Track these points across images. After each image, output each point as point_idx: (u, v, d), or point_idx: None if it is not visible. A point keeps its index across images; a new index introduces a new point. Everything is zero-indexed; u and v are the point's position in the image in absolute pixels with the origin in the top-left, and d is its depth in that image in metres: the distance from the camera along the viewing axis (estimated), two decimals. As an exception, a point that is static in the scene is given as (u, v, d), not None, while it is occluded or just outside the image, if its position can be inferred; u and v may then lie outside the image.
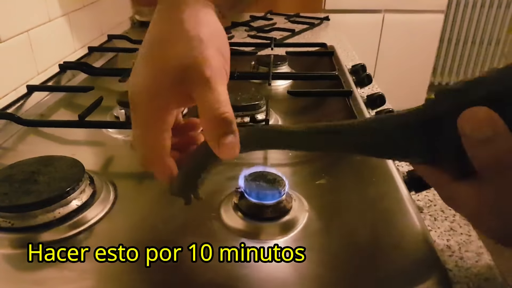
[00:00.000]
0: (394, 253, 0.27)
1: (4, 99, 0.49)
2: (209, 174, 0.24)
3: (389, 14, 1.61)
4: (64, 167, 0.32)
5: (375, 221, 0.30)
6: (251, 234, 0.28)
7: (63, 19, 0.63)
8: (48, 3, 0.59)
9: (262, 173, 0.31)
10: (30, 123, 0.45)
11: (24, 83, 0.53)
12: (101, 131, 0.44)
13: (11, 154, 0.41)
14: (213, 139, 0.21)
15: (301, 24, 0.96)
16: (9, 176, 0.31)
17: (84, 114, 0.43)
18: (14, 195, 0.29)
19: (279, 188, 0.29)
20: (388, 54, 1.67)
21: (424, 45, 1.67)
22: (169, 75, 0.21)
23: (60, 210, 0.29)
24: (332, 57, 0.69)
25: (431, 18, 1.64)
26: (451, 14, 1.98)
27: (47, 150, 0.40)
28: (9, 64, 0.50)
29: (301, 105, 0.52)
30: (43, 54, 0.57)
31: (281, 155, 0.40)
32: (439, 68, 2.12)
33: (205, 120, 0.21)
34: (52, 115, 0.50)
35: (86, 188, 0.31)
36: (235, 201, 0.30)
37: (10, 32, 0.50)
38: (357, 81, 0.59)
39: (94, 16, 0.75)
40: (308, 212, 0.30)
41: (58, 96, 0.55)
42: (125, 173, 0.38)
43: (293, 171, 0.37)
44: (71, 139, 0.43)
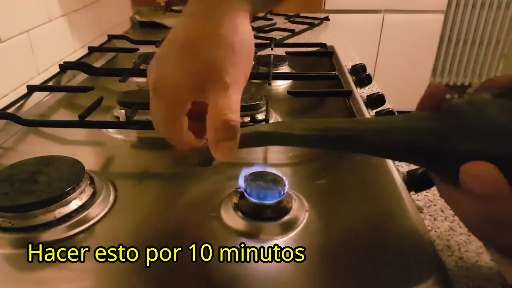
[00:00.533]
0: (394, 253, 0.27)
1: (4, 99, 0.49)
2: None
3: (389, 14, 1.61)
4: (64, 167, 0.32)
5: (375, 221, 0.30)
6: (251, 234, 0.28)
7: (63, 19, 0.63)
8: (48, 3, 0.59)
9: (262, 173, 0.31)
10: (30, 123, 0.45)
11: (24, 83, 0.53)
12: (101, 131, 0.44)
13: (11, 154, 0.41)
14: (214, 140, 0.22)
15: (301, 24, 0.96)
16: (9, 176, 0.31)
17: (84, 114, 0.43)
18: (14, 195, 0.29)
19: (279, 188, 0.29)
20: (388, 54, 1.68)
21: (424, 45, 1.67)
22: (198, 75, 0.23)
23: (60, 210, 0.29)
24: (332, 57, 0.69)
25: (431, 18, 1.64)
26: (451, 14, 1.98)
27: (47, 150, 0.40)
28: (9, 64, 0.50)
29: (301, 105, 0.52)
30: (43, 54, 0.57)
31: (281, 155, 0.40)
32: (439, 68, 2.12)
33: (211, 121, 0.22)
34: (52, 115, 0.50)
35: (86, 188, 0.31)
36: (235, 201, 0.30)
37: (10, 32, 0.50)
38: (357, 81, 0.59)
39: (94, 16, 0.75)
40: (308, 212, 0.30)
41: (58, 96, 0.55)
42: (125, 173, 0.38)
43: (293, 171, 0.38)
44: (71, 139, 0.43)
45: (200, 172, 0.37)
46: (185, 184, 0.35)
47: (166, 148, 0.43)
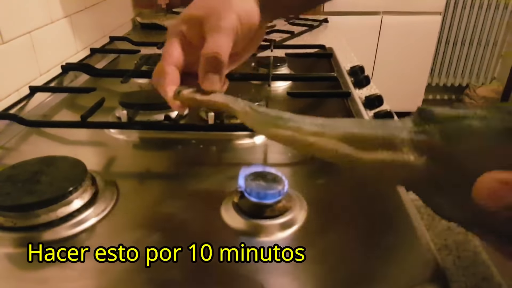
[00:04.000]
0: (392, 252, 0.27)
1: (7, 100, 0.49)
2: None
3: (387, 16, 1.62)
4: (67, 167, 0.33)
5: (373, 220, 0.30)
6: (251, 234, 0.28)
7: (65, 21, 0.63)
8: (50, 5, 0.59)
9: (262, 172, 0.31)
10: (33, 124, 0.45)
11: (26, 84, 0.53)
12: (103, 131, 0.45)
13: (13, 154, 0.41)
14: (202, 71, 0.28)
15: (300, 26, 0.96)
16: (12, 176, 0.31)
17: (87, 114, 0.44)
18: (16, 195, 0.29)
19: (278, 188, 0.29)
20: (386, 55, 1.68)
21: (422, 46, 1.68)
22: (201, 16, 0.29)
23: (63, 210, 0.29)
24: (331, 58, 0.70)
25: (429, 19, 1.64)
26: (448, 16, 1.98)
27: (49, 150, 0.40)
28: (11, 65, 0.50)
29: (300, 106, 0.53)
30: (45, 55, 0.57)
31: (281, 155, 0.40)
32: (437, 69, 2.12)
33: (204, 54, 0.27)
34: (54, 116, 0.51)
35: (88, 188, 0.31)
36: (235, 201, 0.30)
37: (13, 33, 0.50)
38: (356, 82, 0.59)
39: (96, 18, 0.75)
40: (307, 212, 0.31)
41: (60, 97, 0.55)
42: (127, 173, 0.38)
43: (293, 171, 0.38)
44: (74, 140, 0.44)
45: (200, 172, 0.37)
46: (185, 184, 0.35)
47: (167, 148, 0.43)
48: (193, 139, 0.43)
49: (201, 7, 0.29)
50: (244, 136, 0.44)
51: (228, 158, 0.41)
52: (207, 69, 0.27)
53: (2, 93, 0.48)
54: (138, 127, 0.44)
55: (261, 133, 0.25)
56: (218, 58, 0.27)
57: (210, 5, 0.29)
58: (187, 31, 0.29)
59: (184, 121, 0.46)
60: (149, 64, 0.63)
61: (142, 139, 0.44)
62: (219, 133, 0.44)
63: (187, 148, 0.42)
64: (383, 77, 1.66)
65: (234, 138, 0.43)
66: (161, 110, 0.46)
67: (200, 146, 0.42)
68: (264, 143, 0.43)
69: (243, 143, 0.43)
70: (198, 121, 0.46)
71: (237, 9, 0.29)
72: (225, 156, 0.41)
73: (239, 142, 0.43)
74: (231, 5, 0.29)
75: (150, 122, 0.45)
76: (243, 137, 0.43)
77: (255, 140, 0.43)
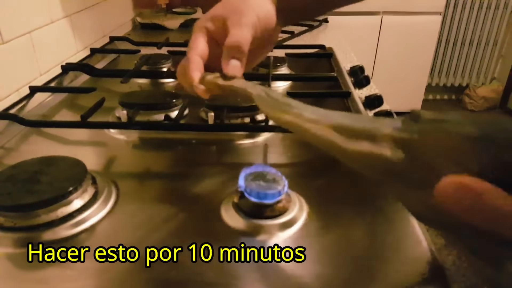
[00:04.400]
0: (392, 252, 0.27)
1: (7, 100, 0.49)
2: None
3: (387, 16, 1.62)
4: (67, 167, 0.33)
5: (373, 220, 0.30)
6: (251, 234, 0.28)
7: (65, 21, 0.63)
8: (51, 5, 0.59)
9: (262, 172, 0.31)
10: (33, 124, 0.45)
11: (26, 84, 0.53)
12: (103, 131, 0.45)
13: (14, 154, 0.41)
14: (225, 58, 0.31)
15: (300, 26, 0.96)
16: (12, 176, 0.31)
17: (87, 114, 0.44)
18: (17, 195, 0.29)
19: (278, 188, 0.29)
20: (386, 55, 1.68)
21: (422, 46, 1.68)
22: (226, 14, 0.33)
23: (63, 210, 0.29)
24: (331, 58, 0.70)
25: (429, 19, 1.64)
26: (448, 16, 1.98)
27: (49, 150, 0.40)
28: (11, 65, 0.50)
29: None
30: (45, 55, 0.57)
31: (281, 155, 0.40)
32: (437, 69, 2.13)
33: (227, 44, 0.31)
34: (54, 116, 0.51)
35: (88, 188, 0.31)
36: (235, 201, 0.31)
37: (13, 33, 0.50)
38: (356, 82, 0.59)
39: (96, 18, 0.75)
40: (307, 212, 0.31)
41: (60, 97, 0.55)
42: (127, 173, 0.38)
43: (293, 171, 0.38)
44: (74, 140, 0.44)
45: (200, 172, 0.37)
46: (185, 184, 0.36)
47: (167, 148, 0.43)
48: (193, 139, 0.43)
49: (225, 7, 0.33)
50: (244, 136, 0.44)
51: (228, 158, 0.41)
52: (230, 56, 0.31)
53: (2, 93, 0.48)
54: (138, 127, 0.44)
55: (270, 115, 0.28)
56: (240, 46, 0.31)
57: (233, 5, 0.33)
58: (211, 27, 0.33)
59: (184, 121, 0.46)
60: (149, 64, 0.63)
61: (142, 139, 0.44)
62: (219, 133, 0.44)
63: (187, 148, 0.42)
64: (383, 77, 1.66)
65: (234, 138, 0.43)
66: (161, 110, 0.46)
67: (200, 146, 0.42)
68: (264, 143, 0.43)
69: (243, 143, 0.43)
70: (198, 121, 0.46)
71: (257, 10, 0.32)
72: (225, 156, 0.42)
73: (239, 142, 0.43)
74: (252, 6, 0.33)
75: (150, 122, 0.45)
76: (243, 137, 0.44)
77: (255, 140, 0.43)
